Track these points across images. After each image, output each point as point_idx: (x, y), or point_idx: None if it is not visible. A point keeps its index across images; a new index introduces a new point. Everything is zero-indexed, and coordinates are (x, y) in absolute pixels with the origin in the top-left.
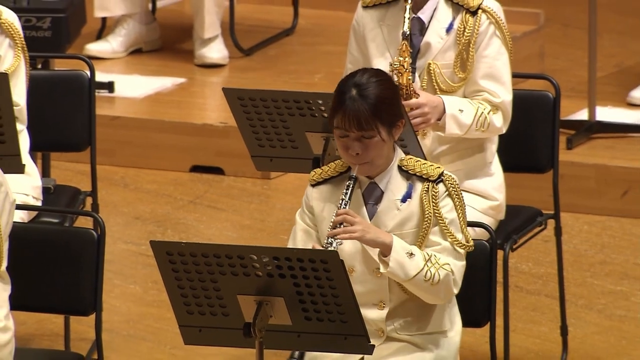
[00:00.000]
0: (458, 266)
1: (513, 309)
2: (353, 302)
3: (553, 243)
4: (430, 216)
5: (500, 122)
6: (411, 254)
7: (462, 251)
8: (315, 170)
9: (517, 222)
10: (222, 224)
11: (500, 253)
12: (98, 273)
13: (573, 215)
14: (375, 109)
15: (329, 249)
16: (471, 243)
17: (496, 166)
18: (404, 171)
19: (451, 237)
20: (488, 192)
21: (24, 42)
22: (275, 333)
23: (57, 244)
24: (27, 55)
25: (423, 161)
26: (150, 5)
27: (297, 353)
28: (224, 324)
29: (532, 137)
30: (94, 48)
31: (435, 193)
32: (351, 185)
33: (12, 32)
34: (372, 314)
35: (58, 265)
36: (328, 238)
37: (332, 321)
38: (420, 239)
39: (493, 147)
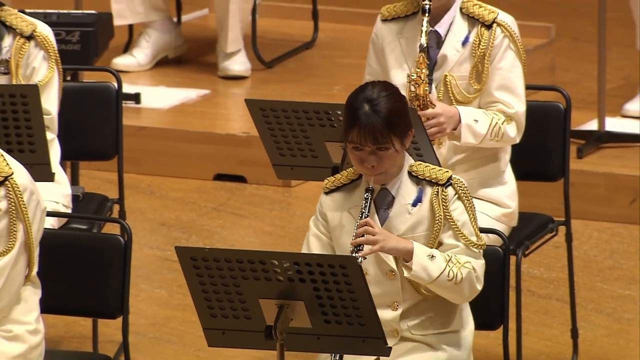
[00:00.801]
0: (479, 264)
1: (525, 313)
2: (370, 305)
3: (564, 249)
4: (441, 219)
5: (514, 132)
6: (432, 256)
7: (476, 251)
8: (328, 178)
9: (529, 229)
10: (245, 231)
11: (513, 258)
12: (125, 277)
13: (583, 222)
14: (388, 123)
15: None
16: (483, 242)
17: (509, 175)
18: (413, 176)
19: (464, 238)
20: (501, 199)
21: (57, 55)
22: (295, 335)
23: (86, 249)
24: (60, 68)
25: (432, 166)
26: (175, 19)
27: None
28: (246, 327)
29: (543, 147)
30: (120, 62)
31: (445, 196)
32: (369, 197)
33: (47, 45)
34: (386, 315)
35: (86, 270)
36: (352, 250)
37: (350, 324)
38: (431, 241)
39: (506, 156)
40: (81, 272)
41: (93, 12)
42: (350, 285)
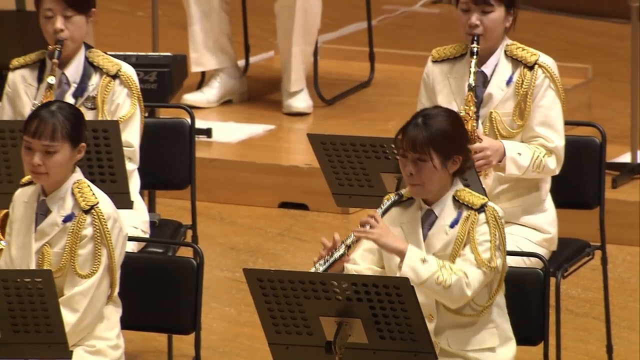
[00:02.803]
0: (475, 273)
1: (564, 330)
2: (422, 322)
3: (599, 271)
4: (463, 237)
5: (554, 165)
6: (424, 260)
7: (485, 270)
8: (385, 197)
9: (567, 253)
10: (307, 254)
11: (552, 280)
12: (197, 297)
13: (617, 246)
14: (432, 138)
15: (347, 240)
16: (494, 265)
17: (549, 203)
18: (456, 201)
19: (476, 253)
20: (542, 226)
21: (139, 93)
22: (353, 350)
23: (162, 271)
24: (142, 104)
25: (473, 193)
26: (243, 61)
27: None
28: (308, 342)
29: (581, 178)
30: (190, 98)
31: (475, 220)
32: (392, 199)
33: (130, 84)
34: None
35: (162, 290)
36: (351, 234)
37: (403, 340)
38: (452, 257)
39: (547, 186)
40: (157, 292)
41: (169, 54)
42: (403, 304)
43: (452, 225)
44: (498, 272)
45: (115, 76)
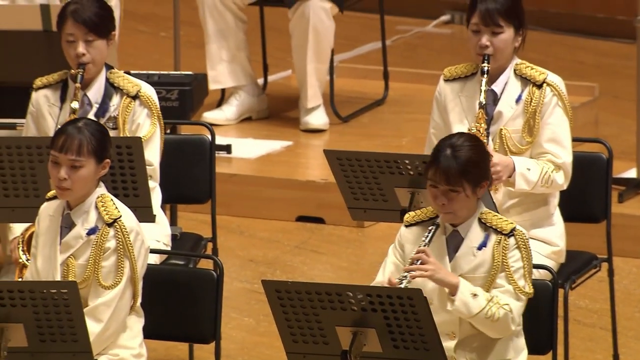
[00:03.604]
0: (517, 306)
1: (572, 339)
2: (435, 333)
3: (606, 283)
4: (499, 264)
5: (562, 180)
6: (475, 294)
7: (523, 297)
8: (409, 213)
9: (575, 265)
10: (323, 266)
11: (561, 291)
12: (217, 307)
13: (623, 259)
14: (463, 169)
15: (403, 282)
16: (531, 291)
17: (558, 217)
18: (482, 223)
19: (514, 283)
20: (551, 239)
21: (159, 112)
22: (368, 359)
23: (183, 282)
24: (162, 123)
25: (499, 216)
26: (262, 80)
27: None
28: (325, 351)
29: (588, 192)
30: (209, 116)
31: (507, 245)
32: (433, 230)
33: (150, 104)
34: (445, 343)
35: (183, 300)
36: (404, 272)
37: (416, 349)
38: (488, 282)
39: (555, 200)
40: (179, 302)
41: (190, 73)
42: (416, 315)
43: (479, 248)
44: (530, 296)
45: (135, 97)
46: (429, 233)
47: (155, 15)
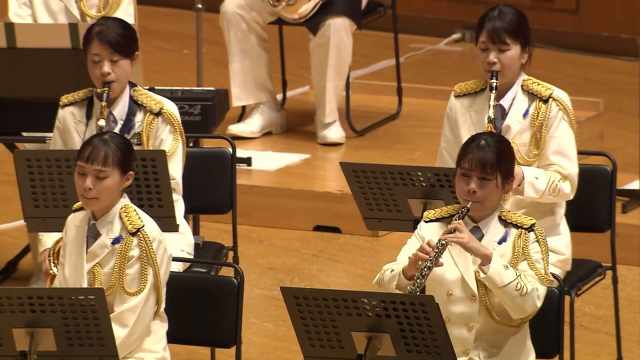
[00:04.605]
0: (541, 288)
1: (578, 344)
2: (446, 337)
3: (610, 290)
4: (520, 253)
5: (568, 189)
6: (507, 266)
7: (545, 282)
8: (429, 210)
9: (581, 273)
10: (339, 274)
11: (567, 298)
12: (238, 313)
13: (627, 267)
14: (498, 158)
15: (440, 247)
16: (551, 278)
17: (564, 227)
18: (502, 220)
19: (536, 270)
20: (557, 248)
21: (181, 127)
22: None
23: (205, 289)
24: (184, 138)
25: (519, 213)
26: (281, 96)
27: None
28: (341, 355)
29: (593, 203)
30: (234, 129)
31: (527, 238)
32: (464, 212)
33: (172, 120)
34: (462, 333)
35: (206, 306)
36: (440, 241)
37: (429, 353)
38: (512, 264)
39: (561, 211)
40: (201, 308)
41: (212, 88)
42: (428, 320)
43: (500, 242)
44: (551, 283)
45: (158, 113)
46: (460, 213)
47: (178, 34)
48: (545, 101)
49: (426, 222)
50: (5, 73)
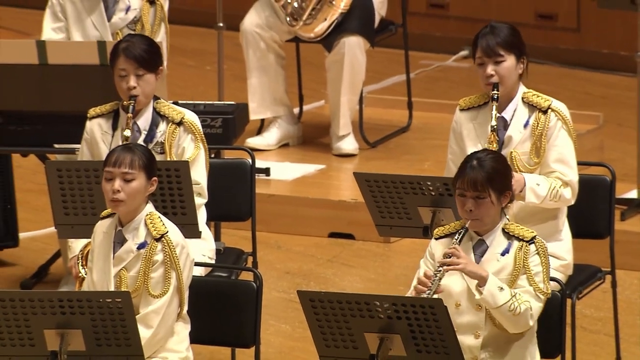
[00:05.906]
0: (536, 306)
1: (579, 345)
2: (454, 338)
3: (610, 293)
4: (520, 267)
5: (569, 195)
6: (501, 288)
7: (542, 297)
8: (439, 227)
9: (581, 277)
10: (353, 278)
11: (568, 301)
12: (257, 315)
13: (626, 272)
14: (489, 177)
15: (437, 276)
16: (549, 291)
17: (566, 233)
18: (506, 233)
19: (534, 284)
20: (559, 253)
21: (202, 135)
22: None
23: (226, 293)
24: (206, 145)
25: (522, 226)
26: (297, 109)
27: None
28: (354, 355)
29: (593, 211)
30: (252, 141)
31: (527, 250)
32: (462, 233)
33: (193, 129)
34: (469, 342)
35: (226, 309)
36: (439, 266)
37: (437, 353)
38: (510, 283)
39: (563, 217)
40: (222, 310)
41: (232, 102)
42: (437, 322)
43: (503, 254)
44: (549, 296)
45: (180, 123)
46: (458, 235)
47: (201, 51)
48: (545, 112)
49: (436, 239)
50: (37, 88)
